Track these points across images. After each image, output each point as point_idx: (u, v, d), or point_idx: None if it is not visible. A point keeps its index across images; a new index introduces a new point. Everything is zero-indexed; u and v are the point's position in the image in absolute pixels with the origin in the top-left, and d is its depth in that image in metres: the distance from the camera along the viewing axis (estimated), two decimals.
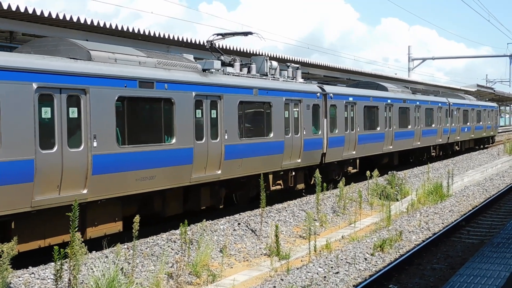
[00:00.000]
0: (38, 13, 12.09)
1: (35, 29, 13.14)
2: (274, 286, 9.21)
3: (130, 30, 14.48)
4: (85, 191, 10.06)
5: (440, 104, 29.63)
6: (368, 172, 17.99)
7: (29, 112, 9.17)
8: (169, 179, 11.93)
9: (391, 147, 23.14)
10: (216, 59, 14.56)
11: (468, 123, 34.53)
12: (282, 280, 9.53)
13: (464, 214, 15.80)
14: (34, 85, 9.29)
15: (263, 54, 18.54)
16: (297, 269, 10.19)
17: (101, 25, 13.62)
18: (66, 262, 8.11)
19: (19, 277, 8.75)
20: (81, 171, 9.96)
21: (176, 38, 16.11)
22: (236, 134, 13.82)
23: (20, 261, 8.87)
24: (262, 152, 14.80)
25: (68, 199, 9.58)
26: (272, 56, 19.65)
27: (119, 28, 14.16)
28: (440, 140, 29.74)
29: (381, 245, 11.65)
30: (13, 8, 11.53)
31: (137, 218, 9.18)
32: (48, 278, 8.86)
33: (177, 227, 11.44)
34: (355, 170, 20.73)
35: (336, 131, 18.70)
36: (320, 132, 17.72)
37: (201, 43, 17.00)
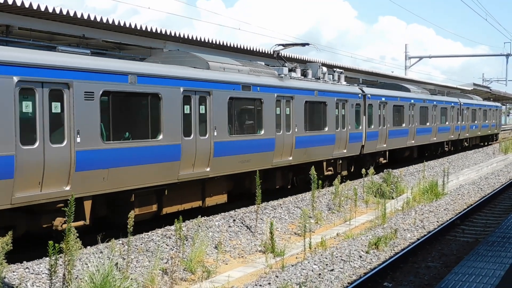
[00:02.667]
0: (35, 7, 12.02)
1: (31, 23, 13.07)
2: (269, 283, 9.21)
3: (127, 25, 14.42)
4: (208, 169, 13.16)
5: (452, 104, 32.81)
6: (363, 170, 18.05)
7: (178, 110, 12.31)
8: (258, 163, 14.87)
9: (413, 141, 26.32)
10: (281, 66, 17.54)
11: (476, 121, 37.97)
12: (277, 277, 9.53)
13: (459, 213, 15.83)
14: (180, 90, 12.37)
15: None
16: (292, 266, 10.19)
17: (98, 20, 13.55)
18: (61, 257, 8.10)
19: (13, 272, 8.73)
20: (206, 154, 13.02)
21: (173, 34, 16.07)
22: (302, 128, 16.91)
23: (15, 256, 8.84)
24: (320, 143, 17.92)
25: (199, 175, 12.99)
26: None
27: (116, 23, 14.10)
28: (452, 136, 33.00)
29: (376, 243, 11.67)
30: (10, 2, 11.46)
31: (132, 214, 9.16)
32: (43, 273, 8.84)
33: (172, 223, 11.44)
34: (385, 161, 23.89)
35: (372, 126, 21.86)
36: (360, 127, 20.86)
37: (202, 39, 16.98)
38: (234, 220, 13.26)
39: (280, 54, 18.63)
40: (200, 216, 12.10)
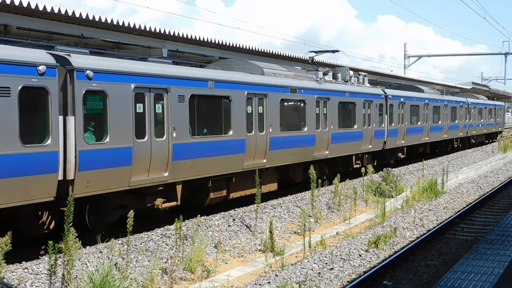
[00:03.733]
0: (33, 6, 12.00)
1: (29, 22, 13.05)
2: (269, 282, 9.21)
3: (126, 24, 14.39)
4: (264, 161, 15.25)
5: (461, 103, 35.06)
6: (363, 169, 18.09)
7: (243, 110, 14.47)
8: (302, 156, 16.98)
9: (427, 138, 28.65)
10: (315, 70, 19.67)
11: (481, 120, 40.28)
12: (276, 276, 9.53)
13: (459, 211, 15.84)
14: (245, 93, 14.53)
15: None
16: (292, 265, 10.19)
17: (96, 19, 13.53)
18: (60, 257, 8.09)
19: (12, 272, 8.71)
20: (263, 147, 15.14)
21: (172, 33, 16.05)
22: (337, 126, 19.08)
23: (14, 256, 8.83)
24: (350, 139, 20.02)
25: (258, 166, 14.85)
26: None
27: (115, 22, 14.07)
28: (461, 133, 35.41)
29: (375, 242, 11.67)
30: (8, 1, 11.44)
31: (131, 214, 9.16)
32: (42, 273, 8.83)
33: (171, 222, 11.43)
34: (403, 156, 26.39)
35: (393, 124, 24.10)
36: (383, 125, 23.08)
37: (200, 38, 16.96)
38: (233, 219, 13.25)
39: (314, 60, 21.16)
40: (199, 215, 12.10)
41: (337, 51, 21.67)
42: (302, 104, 17.19)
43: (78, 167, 10.02)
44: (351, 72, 21.93)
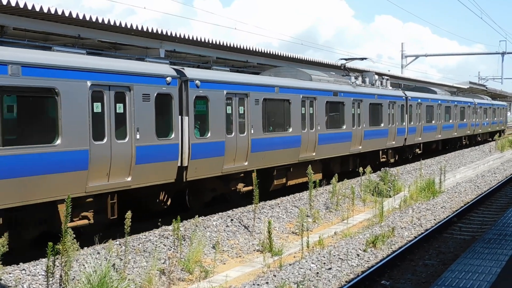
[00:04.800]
0: (30, 7, 11.96)
1: (26, 23, 13.01)
2: (267, 282, 9.20)
3: (123, 25, 14.37)
4: (314, 154, 17.77)
5: (469, 104, 37.77)
6: (361, 169, 18.11)
7: (299, 111, 17.32)
8: (341, 150, 19.89)
9: (440, 135, 31.44)
10: (343, 75, 22.57)
11: (486, 119, 43.21)
12: (275, 276, 9.52)
13: (456, 211, 15.86)
14: (300, 97, 17.22)
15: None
16: (290, 265, 10.18)
17: (93, 19, 13.50)
18: (57, 258, 8.07)
19: (9, 274, 8.69)
20: (313, 142, 17.78)
21: (169, 34, 16.03)
22: (368, 124, 21.82)
23: (11, 257, 8.81)
24: (378, 136, 23.05)
25: (309, 158, 17.58)
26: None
27: (112, 23, 14.05)
28: (469, 131, 38.13)
29: (373, 241, 11.67)
30: (4, 2, 11.41)
31: (129, 214, 9.15)
32: (40, 275, 8.81)
33: (169, 223, 11.42)
34: (420, 151, 29.45)
35: (412, 123, 26.74)
36: (404, 123, 25.69)
37: (197, 38, 16.95)
38: (231, 220, 13.24)
39: (345, 66, 24.14)
40: (197, 216, 12.09)
41: (365, 58, 25.27)
42: (341, 106, 19.98)
43: (191, 156, 12.75)
44: (376, 76, 25.05)
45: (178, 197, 13.67)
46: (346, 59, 24.04)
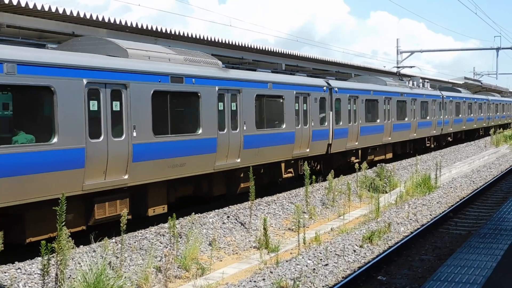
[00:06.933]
0: (23, 4, 11.89)
1: (20, 20, 12.93)
2: (263, 279, 9.20)
3: (118, 22, 14.31)
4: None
5: (485, 101, 44.74)
6: (356, 165, 18.11)
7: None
8: (376, 140, 23.49)
9: (464, 127, 38.47)
10: (398, 79, 29.54)
11: (498, 113, 50.75)
12: (271, 272, 9.52)
13: (452, 206, 15.90)
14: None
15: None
16: (287, 261, 10.19)
17: (88, 17, 13.44)
18: (53, 257, 8.04)
19: (4, 273, 8.66)
20: (356, 133, 21.59)
21: (164, 31, 15.98)
22: (420, 117, 28.38)
23: (6, 256, 8.78)
24: (426, 126, 29.72)
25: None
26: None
27: (106, 20, 13.99)
28: (484, 124, 44.99)
29: (370, 237, 11.69)
30: None
31: (124, 212, 9.13)
32: (35, 273, 8.78)
33: (165, 220, 11.40)
34: (451, 139, 36.17)
35: (446, 116, 33.61)
36: (441, 117, 32.59)
37: (192, 35, 16.92)
38: (228, 217, 13.23)
39: (399, 72, 32.91)
40: (193, 213, 12.08)
41: (413, 66, 35.50)
42: (404, 103, 26.42)
43: (333, 137, 19.25)
44: (420, 79, 32.09)
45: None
46: (397, 67, 33.21)
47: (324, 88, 19.04)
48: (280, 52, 21.80)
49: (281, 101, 16.61)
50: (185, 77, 12.80)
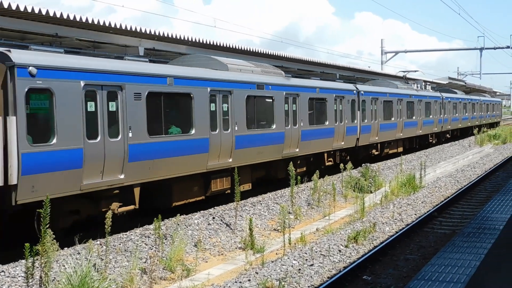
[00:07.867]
0: (6, 5, 11.77)
1: (2, 22, 12.79)
2: (249, 280, 9.20)
3: (101, 23, 14.22)
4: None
5: (478, 101, 50.13)
6: (341, 165, 18.19)
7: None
8: (411, 133, 29.55)
9: (460, 125, 43.36)
10: (405, 83, 33.28)
11: (488, 112, 56.09)
12: (257, 273, 9.53)
13: (437, 205, 16.02)
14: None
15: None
16: (272, 262, 10.20)
17: (71, 18, 13.34)
18: (37, 259, 7.97)
19: None
20: (376, 129, 25.33)
21: (148, 32, 15.92)
22: (424, 115, 32.85)
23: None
24: (430, 124, 34.00)
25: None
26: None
27: (90, 21, 13.89)
28: (477, 122, 49.61)
29: (355, 237, 11.74)
30: None
31: (109, 214, 9.08)
32: (19, 276, 8.70)
33: (150, 222, 11.35)
34: (449, 136, 41.17)
35: (445, 115, 37.95)
36: (441, 116, 36.65)
37: (177, 36, 16.86)
38: (213, 218, 13.21)
39: (406, 76, 35.77)
40: (179, 214, 12.04)
41: (417, 71, 39.66)
42: (412, 104, 30.61)
43: (360, 133, 23.09)
44: (423, 82, 36.36)
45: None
46: (403, 71, 36.64)
47: (354, 91, 23.21)
48: (265, 53, 21.80)
49: (325, 102, 20.60)
50: (265, 85, 16.86)
